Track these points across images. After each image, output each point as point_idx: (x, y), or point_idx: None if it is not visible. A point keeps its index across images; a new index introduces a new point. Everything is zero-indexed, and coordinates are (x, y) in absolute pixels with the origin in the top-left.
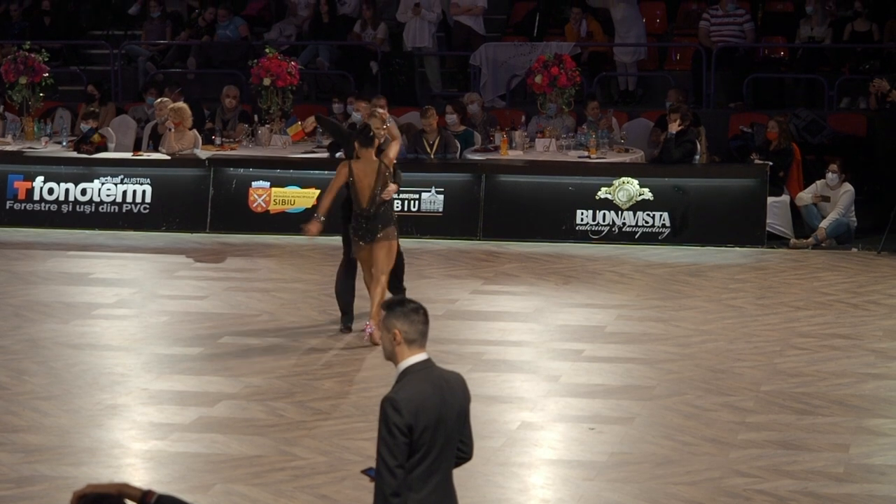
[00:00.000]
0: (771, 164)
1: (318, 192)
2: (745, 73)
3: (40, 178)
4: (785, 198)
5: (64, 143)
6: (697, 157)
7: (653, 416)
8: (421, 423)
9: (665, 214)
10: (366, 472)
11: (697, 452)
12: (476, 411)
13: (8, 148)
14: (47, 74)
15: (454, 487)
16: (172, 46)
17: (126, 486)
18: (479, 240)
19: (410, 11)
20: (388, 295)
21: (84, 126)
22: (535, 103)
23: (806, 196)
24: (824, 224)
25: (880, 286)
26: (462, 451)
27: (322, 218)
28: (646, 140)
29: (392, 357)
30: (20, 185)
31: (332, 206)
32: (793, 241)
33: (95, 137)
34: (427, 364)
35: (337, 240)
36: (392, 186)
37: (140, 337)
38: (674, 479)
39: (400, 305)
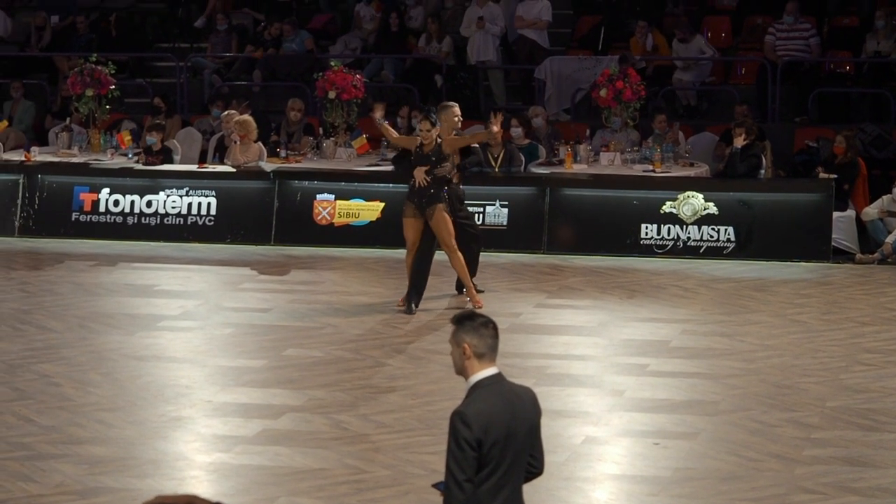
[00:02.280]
0: (836, 177)
1: (382, 205)
2: (811, 88)
3: (106, 190)
4: (850, 213)
5: (130, 156)
6: (763, 171)
7: (717, 431)
8: (490, 438)
9: (730, 229)
10: (436, 485)
11: (762, 468)
12: None
13: (74, 160)
14: (113, 87)
15: (524, 502)
16: (238, 59)
17: (195, 497)
18: (544, 253)
19: (474, 25)
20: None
21: (149, 139)
22: (600, 117)
23: (872, 211)
24: (890, 239)
25: None
26: (532, 465)
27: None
28: (711, 154)
29: (462, 371)
30: (86, 197)
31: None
32: (858, 256)
33: (155, 145)
34: (497, 378)
35: (399, 253)
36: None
37: (204, 349)
38: (738, 494)
39: (469, 320)
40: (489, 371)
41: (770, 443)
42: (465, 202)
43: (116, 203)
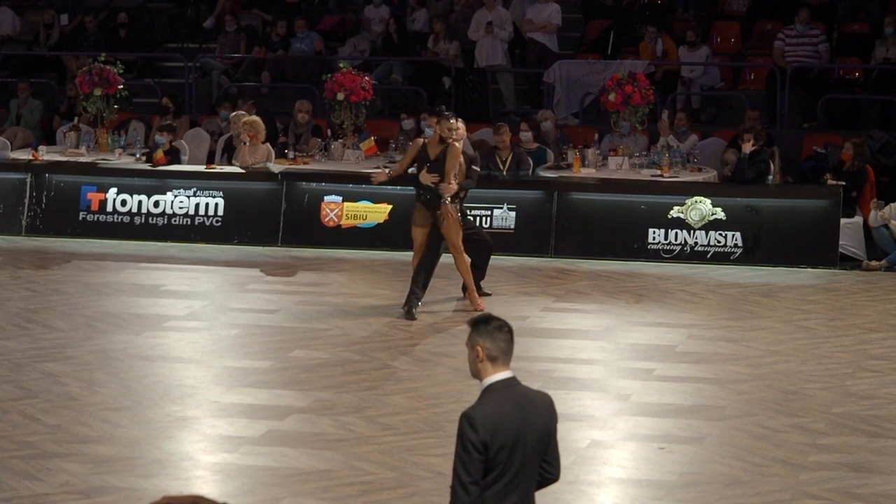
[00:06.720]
0: (844, 184)
1: (390, 207)
2: (820, 94)
3: (113, 190)
4: (858, 219)
5: (137, 155)
6: (770, 177)
7: (723, 436)
8: (497, 442)
9: (737, 234)
10: None
11: (767, 474)
12: None
13: (82, 159)
14: (122, 86)
15: None
16: (246, 60)
17: (201, 498)
18: (551, 257)
19: (482, 30)
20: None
21: (158, 138)
22: (609, 121)
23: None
24: None
25: None
26: (547, 471)
27: (390, 172)
28: (719, 159)
29: (476, 374)
30: (93, 197)
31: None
32: (865, 262)
33: (164, 147)
34: (511, 382)
35: (407, 255)
36: (429, 176)
37: (211, 350)
38: (743, 500)
39: (485, 323)
40: (503, 375)
41: (775, 448)
42: (473, 205)
43: (124, 203)
